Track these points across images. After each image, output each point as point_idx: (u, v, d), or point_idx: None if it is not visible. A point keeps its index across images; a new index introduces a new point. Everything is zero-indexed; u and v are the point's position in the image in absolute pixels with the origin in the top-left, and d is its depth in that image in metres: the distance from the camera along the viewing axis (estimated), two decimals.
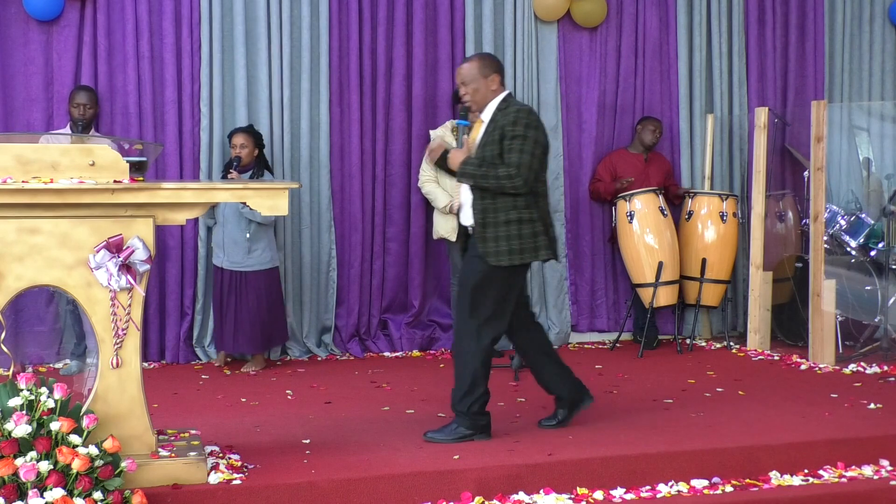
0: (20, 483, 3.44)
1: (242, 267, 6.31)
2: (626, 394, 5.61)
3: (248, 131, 6.33)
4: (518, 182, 4.38)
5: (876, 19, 8.00)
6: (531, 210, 4.47)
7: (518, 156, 4.39)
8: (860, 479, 4.31)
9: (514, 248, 4.44)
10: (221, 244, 6.34)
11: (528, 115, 4.48)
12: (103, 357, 3.80)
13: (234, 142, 6.28)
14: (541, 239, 4.49)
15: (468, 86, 4.55)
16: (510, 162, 4.39)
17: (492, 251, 4.45)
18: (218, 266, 6.38)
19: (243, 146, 6.25)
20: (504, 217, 4.45)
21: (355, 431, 4.70)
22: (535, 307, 7.32)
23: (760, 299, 7.05)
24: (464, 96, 4.60)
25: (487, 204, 4.47)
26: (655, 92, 7.56)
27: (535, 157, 4.42)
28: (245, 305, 6.29)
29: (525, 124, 4.44)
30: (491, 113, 4.55)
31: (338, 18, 6.85)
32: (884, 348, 6.46)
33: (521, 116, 4.46)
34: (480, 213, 4.48)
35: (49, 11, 6.36)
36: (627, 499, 4.07)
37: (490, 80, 4.54)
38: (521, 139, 4.41)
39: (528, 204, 4.47)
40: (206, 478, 3.83)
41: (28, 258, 3.72)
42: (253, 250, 6.31)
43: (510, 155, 4.40)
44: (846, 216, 6.96)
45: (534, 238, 4.47)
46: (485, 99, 4.56)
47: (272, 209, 3.94)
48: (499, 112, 4.52)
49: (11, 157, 3.70)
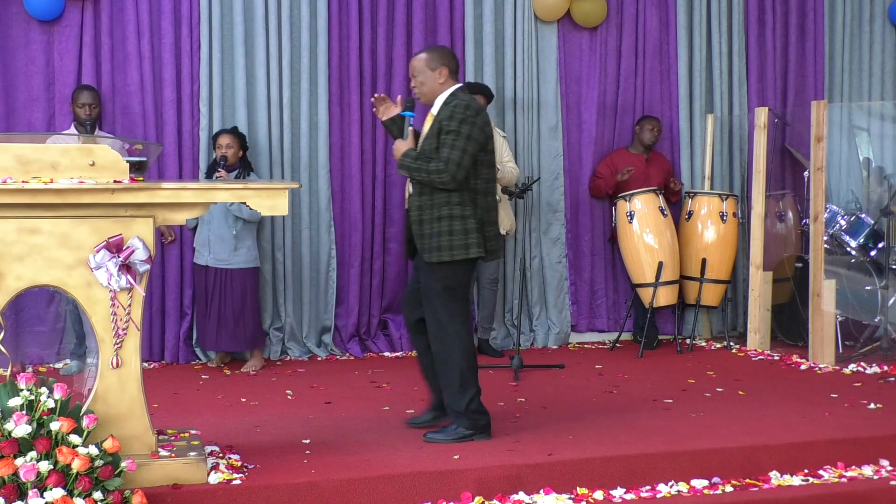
0: (20, 483, 3.44)
1: (228, 264, 6.33)
2: (626, 394, 5.61)
3: (234, 132, 6.39)
4: (445, 177, 4.37)
5: (876, 19, 8.00)
6: (465, 207, 4.46)
7: (449, 151, 4.38)
8: (860, 479, 4.31)
9: (443, 245, 4.44)
10: (207, 242, 6.35)
11: (464, 110, 4.44)
12: (103, 357, 3.80)
13: (220, 142, 6.33)
14: (472, 236, 4.46)
15: (417, 78, 4.58)
16: (441, 156, 4.39)
17: (426, 247, 4.48)
18: (201, 265, 6.38)
19: (229, 146, 6.30)
20: (437, 213, 4.46)
21: (355, 431, 4.70)
22: (534, 307, 7.33)
23: (760, 299, 7.05)
24: (413, 88, 4.63)
25: (424, 200, 4.49)
26: (655, 92, 7.56)
27: (466, 153, 4.39)
28: (231, 303, 6.31)
29: (460, 119, 4.41)
30: (438, 106, 4.55)
31: (338, 18, 6.85)
32: (884, 348, 6.46)
33: (457, 111, 4.44)
34: (417, 210, 4.51)
35: (50, 11, 6.36)
36: (627, 499, 4.07)
37: (438, 73, 4.54)
38: (455, 134, 4.39)
39: (462, 201, 4.46)
40: (206, 478, 3.83)
41: (28, 258, 3.72)
42: (239, 248, 6.34)
43: (442, 149, 4.40)
44: (846, 216, 6.96)
45: (465, 235, 4.45)
46: (433, 92, 4.56)
47: (272, 209, 3.95)
48: (444, 106, 4.52)
49: (11, 157, 3.70)
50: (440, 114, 4.50)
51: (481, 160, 4.49)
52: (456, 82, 4.59)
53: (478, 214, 4.48)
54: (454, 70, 4.59)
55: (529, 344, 7.26)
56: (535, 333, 7.31)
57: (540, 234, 7.34)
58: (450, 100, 4.51)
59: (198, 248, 6.41)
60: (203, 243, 6.37)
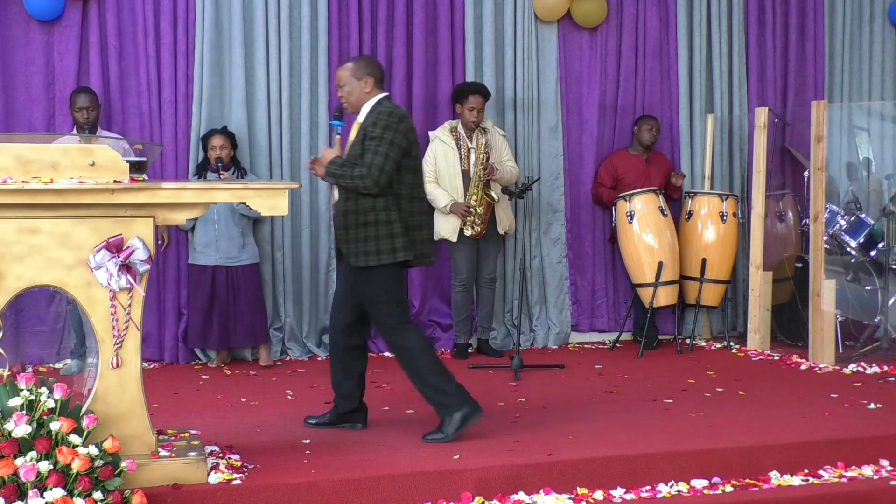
0: (20, 483, 3.44)
1: (238, 262, 6.40)
2: (626, 394, 5.61)
3: (225, 132, 6.43)
4: (368, 182, 4.43)
5: (876, 19, 8.00)
6: (389, 212, 4.52)
7: (372, 156, 4.44)
8: (860, 479, 4.31)
9: (370, 249, 4.49)
10: (213, 242, 6.36)
11: (388, 117, 4.52)
12: (103, 357, 3.80)
13: (214, 143, 6.35)
14: (398, 240, 4.51)
15: (343, 88, 4.66)
16: (364, 162, 4.45)
17: (352, 252, 4.54)
18: (206, 265, 6.37)
19: (223, 147, 6.33)
20: (363, 219, 4.51)
21: (355, 431, 4.70)
22: (534, 307, 7.33)
23: (760, 299, 7.05)
24: (340, 98, 4.70)
25: (350, 206, 4.55)
26: (655, 92, 7.56)
27: (388, 159, 4.45)
28: (244, 298, 6.39)
29: (384, 125, 4.49)
30: (364, 114, 4.62)
31: (338, 18, 6.85)
32: (884, 348, 6.46)
33: (381, 118, 4.52)
34: (343, 216, 4.57)
35: (50, 11, 6.36)
36: (627, 499, 4.07)
37: (363, 83, 4.61)
38: (378, 140, 4.46)
39: (387, 206, 4.52)
40: (206, 478, 3.83)
41: (28, 258, 3.72)
42: (246, 245, 6.45)
43: (366, 155, 4.46)
44: (846, 216, 6.96)
45: (391, 239, 4.50)
46: (359, 100, 4.64)
47: (272, 209, 3.96)
48: (370, 113, 4.60)
49: (11, 157, 3.70)
50: (365, 121, 4.59)
51: (405, 166, 4.56)
52: (382, 91, 4.69)
53: (403, 219, 4.55)
54: (380, 79, 4.68)
55: (529, 344, 7.26)
56: (535, 333, 7.31)
57: (540, 234, 7.34)
58: (375, 107, 4.60)
59: (200, 249, 6.40)
60: (208, 244, 6.37)
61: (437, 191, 6.70)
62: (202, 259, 6.40)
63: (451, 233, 6.68)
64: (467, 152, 6.72)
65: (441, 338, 7.11)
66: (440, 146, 6.71)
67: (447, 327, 7.10)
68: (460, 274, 6.80)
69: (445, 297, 7.14)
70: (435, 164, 6.71)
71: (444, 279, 7.15)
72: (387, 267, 4.53)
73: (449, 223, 6.68)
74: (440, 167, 6.70)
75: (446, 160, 6.69)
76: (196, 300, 6.44)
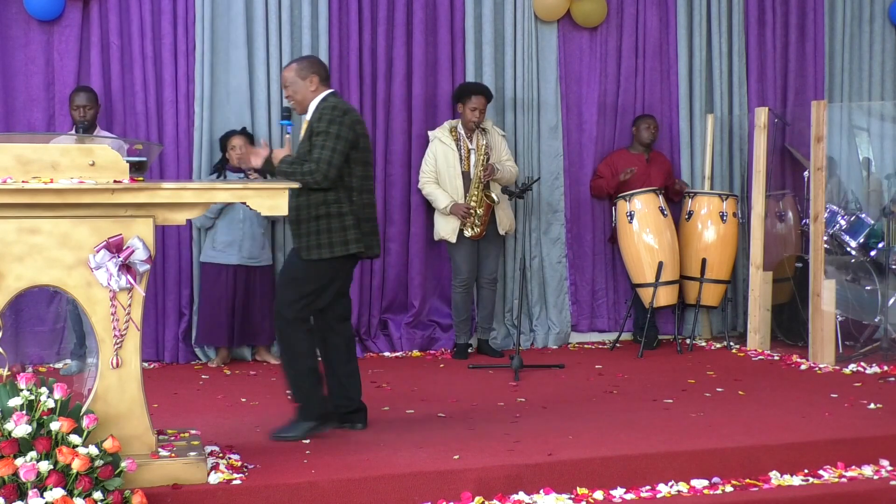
0: (20, 483, 3.44)
1: (258, 262, 6.49)
2: (626, 394, 5.61)
3: (244, 133, 6.46)
4: (318, 177, 4.47)
5: (876, 19, 8.00)
6: (341, 204, 4.56)
7: (319, 151, 4.48)
8: (860, 479, 4.31)
9: (322, 242, 4.52)
10: (237, 241, 6.39)
11: (332, 111, 4.55)
12: (103, 357, 3.80)
13: (234, 143, 6.36)
14: (351, 233, 4.55)
15: (289, 88, 4.69)
16: (311, 157, 4.49)
17: (304, 245, 4.57)
18: (227, 264, 6.38)
19: (244, 147, 6.32)
20: (315, 212, 4.55)
21: (355, 431, 4.70)
22: (534, 307, 7.33)
23: (760, 299, 7.05)
24: (287, 98, 4.73)
25: (301, 201, 4.57)
26: (655, 92, 7.56)
27: (336, 153, 4.48)
28: (262, 298, 6.45)
29: (329, 120, 4.52)
30: (311, 113, 4.66)
31: (338, 18, 6.85)
32: (884, 348, 6.46)
33: (325, 113, 4.56)
34: (294, 210, 4.57)
35: (50, 11, 6.36)
36: (627, 499, 4.07)
37: (308, 82, 4.65)
38: (324, 135, 4.50)
39: (338, 199, 4.56)
40: (206, 478, 3.83)
41: (28, 258, 3.72)
42: (265, 245, 6.55)
43: (313, 151, 4.50)
44: (846, 216, 6.96)
45: (343, 232, 4.54)
46: (305, 100, 4.67)
47: (272, 209, 3.96)
48: (316, 110, 4.63)
49: (11, 157, 3.70)
50: (311, 118, 4.63)
51: (354, 158, 4.59)
52: (327, 88, 4.71)
53: (354, 211, 4.59)
54: (325, 77, 4.71)
55: (529, 344, 7.26)
56: (535, 333, 7.31)
57: (540, 234, 7.34)
58: (320, 104, 4.64)
59: (221, 248, 6.40)
60: (231, 243, 6.39)
61: (437, 192, 6.70)
62: (222, 258, 6.40)
63: (450, 233, 6.69)
64: (467, 153, 6.72)
65: (441, 338, 7.11)
66: (440, 147, 6.71)
67: (447, 327, 7.10)
68: (460, 274, 6.80)
69: (445, 297, 7.14)
70: (435, 164, 6.71)
71: (445, 279, 7.15)
72: (337, 259, 4.56)
73: (449, 224, 6.69)
74: (440, 168, 6.71)
75: (446, 161, 6.69)
76: (210, 299, 6.42)
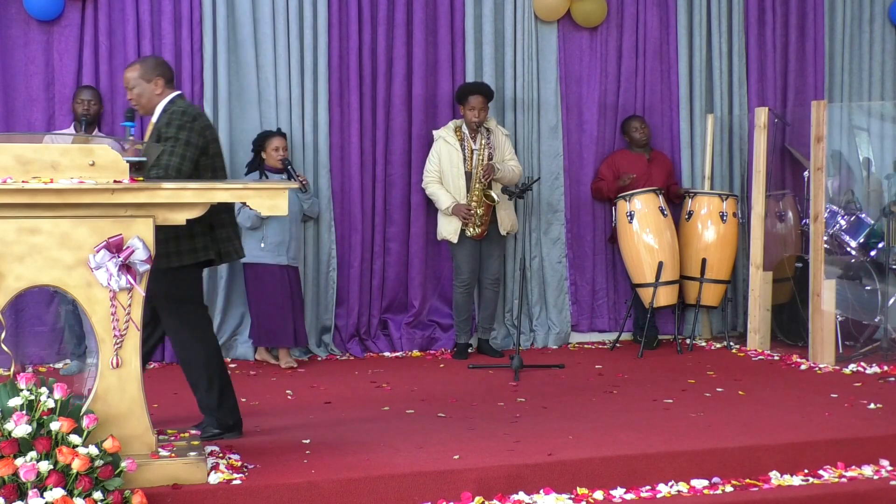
0: (20, 483, 3.44)
1: (297, 262, 6.57)
2: (626, 394, 5.61)
3: (283, 134, 6.49)
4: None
5: (876, 19, 8.00)
6: None
7: (167, 157, 4.39)
8: (860, 479, 4.31)
9: (171, 251, 4.41)
10: (285, 242, 6.40)
11: (181, 117, 4.48)
12: (103, 357, 3.80)
13: (276, 144, 6.39)
14: (199, 240, 4.46)
15: (133, 90, 4.60)
16: (159, 163, 4.39)
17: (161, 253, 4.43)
18: (278, 265, 6.37)
19: (284, 148, 6.41)
20: None
21: (355, 431, 4.70)
22: (534, 307, 7.34)
23: (760, 299, 7.05)
24: (130, 100, 4.65)
25: None
26: (655, 92, 7.56)
27: (185, 159, 4.40)
28: (299, 298, 6.52)
29: (177, 126, 4.45)
30: (157, 115, 4.59)
31: (338, 18, 6.85)
32: (884, 348, 6.46)
33: (174, 118, 4.48)
34: None
35: (50, 11, 6.36)
36: (627, 499, 4.07)
37: (154, 84, 4.58)
38: (173, 140, 4.42)
39: None
40: (206, 478, 3.83)
41: (28, 258, 3.72)
42: (300, 247, 6.63)
43: (162, 156, 4.41)
44: (846, 216, 6.96)
45: (191, 240, 4.44)
46: (150, 102, 4.60)
47: (272, 209, 3.94)
48: (162, 113, 4.56)
49: (11, 157, 3.69)
50: (159, 121, 4.55)
51: (203, 165, 4.52)
52: (173, 90, 4.65)
53: (204, 218, 4.37)
54: (170, 79, 4.65)
55: (529, 344, 7.26)
56: (535, 333, 7.31)
57: (540, 234, 7.35)
58: (167, 107, 4.56)
59: (271, 248, 6.36)
60: (282, 242, 6.39)
61: (440, 192, 6.70)
62: (270, 258, 6.37)
63: (452, 234, 6.69)
64: (471, 153, 6.72)
65: (441, 338, 7.11)
66: (444, 146, 6.72)
67: (447, 327, 7.10)
68: (461, 274, 6.80)
69: (445, 297, 7.14)
70: (439, 164, 6.72)
71: (445, 279, 7.15)
72: (187, 268, 4.47)
73: (451, 224, 6.69)
74: (444, 168, 6.71)
75: (450, 161, 6.70)
76: (266, 300, 6.38)
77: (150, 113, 4.63)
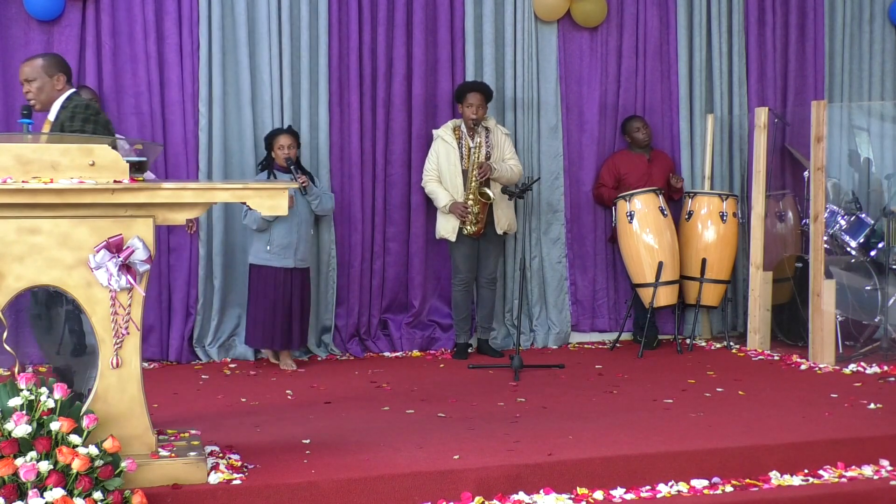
0: (20, 483, 3.44)
1: (307, 263, 6.49)
2: (626, 394, 5.61)
3: (290, 132, 6.39)
4: None
5: (876, 19, 8.00)
6: None
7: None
8: (860, 479, 4.31)
9: None
10: (294, 244, 6.32)
11: (84, 110, 4.49)
12: (103, 357, 3.80)
13: (282, 142, 6.30)
14: None
15: (32, 83, 4.60)
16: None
17: None
18: (283, 268, 6.29)
19: (291, 146, 6.32)
20: None
21: (355, 431, 4.70)
22: (534, 307, 7.34)
23: (760, 299, 7.05)
24: (27, 94, 4.63)
25: None
26: (656, 92, 7.56)
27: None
28: (303, 300, 6.44)
29: (82, 119, 4.46)
30: (55, 111, 4.58)
31: (338, 18, 6.85)
32: (884, 348, 6.46)
33: (77, 112, 4.48)
34: None
35: (50, 11, 6.36)
36: (627, 499, 4.07)
37: (56, 80, 4.59)
38: (79, 133, 4.41)
39: None
40: (206, 478, 3.83)
41: (28, 258, 3.72)
42: (313, 247, 6.58)
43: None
44: (846, 216, 6.96)
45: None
46: (49, 98, 4.59)
47: (272, 209, 3.93)
48: (62, 109, 4.55)
49: (11, 157, 3.70)
50: (60, 116, 4.53)
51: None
52: (71, 87, 4.64)
53: None
54: (70, 77, 4.66)
55: (529, 344, 7.26)
56: (535, 333, 7.31)
57: (540, 234, 7.35)
58: (67, 103, 4.56)
59: (277, 251, 6.28)
60: (288, 245, 6.31)
61: (438, 190, 6.70)
62: (276, 261, 6.29)
63: (450, 232, 6.69)
64: (468, 151, 6.72)
65: (441, 338, 7.11)
66: (442, 145, 6.72)
67: (447, 327, 7.10)
68: (459, 273, 6.80)
69: (445, 297, 7.14)
70: (437, 162, 6.72)
71: (444, 279, 7.15)
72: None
73: (449, 223, 6.70)
74: (442, 166, 6.72)
75: (448, 159, 6.70)
76: (264, 302, 6.30)
77: (46, 109, 4.61)
